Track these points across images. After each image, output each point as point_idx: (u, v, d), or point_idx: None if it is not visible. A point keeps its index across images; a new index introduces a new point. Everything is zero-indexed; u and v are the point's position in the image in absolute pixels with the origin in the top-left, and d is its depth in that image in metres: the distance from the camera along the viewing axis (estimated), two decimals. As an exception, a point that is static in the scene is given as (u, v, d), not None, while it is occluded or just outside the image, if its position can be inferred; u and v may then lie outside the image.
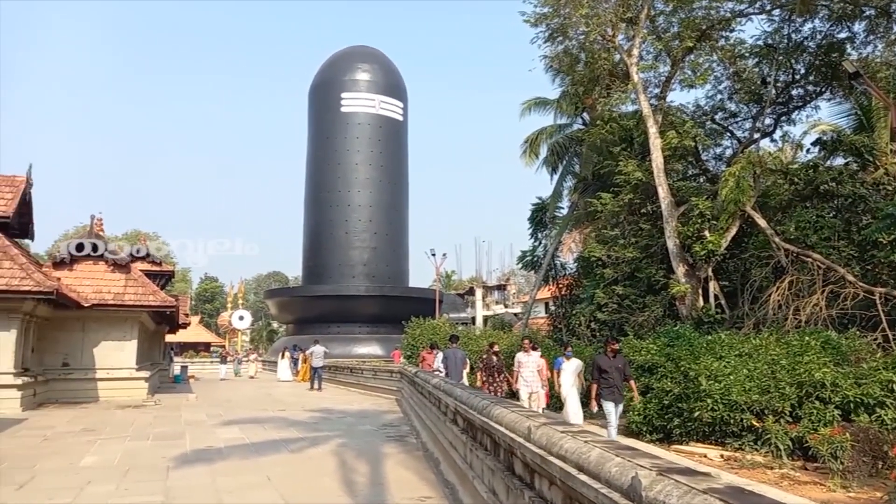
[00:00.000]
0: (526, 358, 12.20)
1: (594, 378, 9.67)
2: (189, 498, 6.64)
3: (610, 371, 9.53)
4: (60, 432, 11.56)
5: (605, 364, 9.60)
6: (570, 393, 11.43)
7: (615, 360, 9.67)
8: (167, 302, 18.93)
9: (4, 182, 17.47)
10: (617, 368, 9.57)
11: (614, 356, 9.72)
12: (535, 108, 25.87)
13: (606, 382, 9.51)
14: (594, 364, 9.75)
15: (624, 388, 9.79)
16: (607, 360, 9.65)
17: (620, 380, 9.58)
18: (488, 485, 5.12)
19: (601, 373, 9.56)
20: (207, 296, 78.16)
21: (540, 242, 26.23)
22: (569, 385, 11.45)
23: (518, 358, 12.38)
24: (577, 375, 11.65)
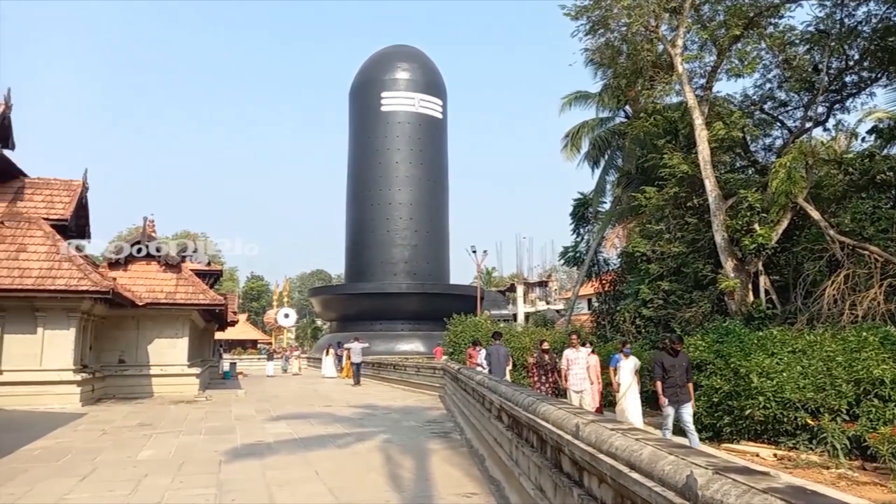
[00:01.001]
0: (574, 355, 11.76)
1: (659, 375, 9.28)
2: (241, 491, 6.82)
3: (672, 370, 9.13)
4: (118, 426, 12.03)
5: (668, 363, 9.20)
6: (629, 393, 10.95)
7: (678, 359, 9.24)
8: (216, 300, 19.46)
9: (62, 186, 18.25)
10: (680, 367, 9.16)
11: (676, 355, 9.28)
12: (576, 103, 25.57)
13: (667, 382, 9.15)
14: (657, 362, 9.37)
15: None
16: (670, 358, 9.24)
17: (683, 380, 9.17)
18: (535, 482, 5.10)
19: (664, 371, 9.19)
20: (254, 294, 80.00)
21: (582, 238, 25.93)
22: (626, 384, 10.99)
23: (566, 355, 11.93)
24: (635, 374, 11.14)
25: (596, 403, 11.64)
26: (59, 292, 14.80)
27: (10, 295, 14.63)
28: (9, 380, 14.72)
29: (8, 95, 18.18)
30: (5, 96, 18.19)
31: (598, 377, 11.77)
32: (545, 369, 12.13)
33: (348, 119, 52.39)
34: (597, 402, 11.74)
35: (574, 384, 11.57)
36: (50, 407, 14.51)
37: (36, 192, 17.97)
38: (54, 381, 14.95)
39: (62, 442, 10.11)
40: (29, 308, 15.07)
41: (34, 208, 17.34)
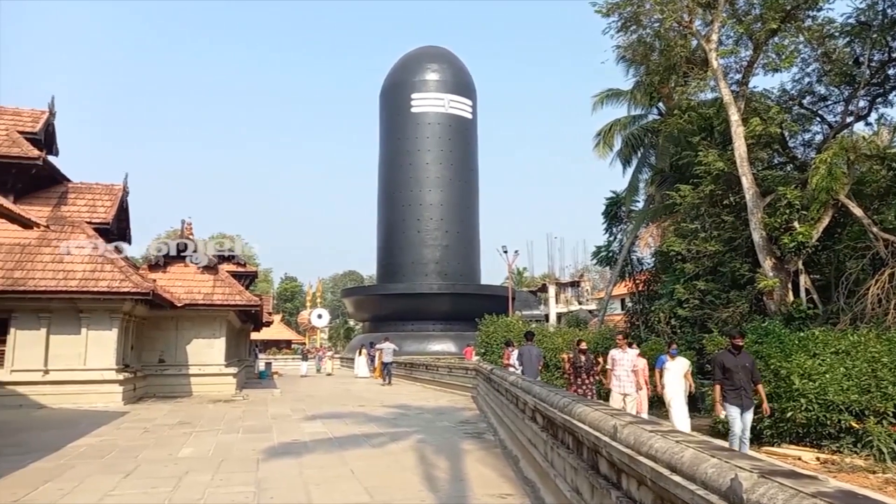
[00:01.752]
0: (620, 355, 11.09)
1: (718, 378, 8.54)
2: (279, 489, 6.93)
3: (735, 370, 8.37)
4: (159, 425, 12.33)
5: (730, 362, 8.43)
6: (676, 396, 10.35)
7: (741, 358, 8.48)
8: (252, 301, 19.81)
9: (104, 191, 18.79)
10: (743, 367, 8.40)
11: (738, 353, 8.53)
12: (608, 101, 25.30)
13: (731, 384, 8.37)
14: (717, 362, 8.61)
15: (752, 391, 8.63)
16: (731, 357, 8.49)
17: (748, 380, 8.41)
18: (571, 483, 5.08)
19: (725, 372, 8.43)
20: (288, 295, 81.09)
21: (615, 237, 25.64)
22: (674, 387, 10.40)
23: (612, 355, 11.27)
24: (684, 376, 10.52)
25: (641, 410, 10.99)
26: (102, 294, 15.26)
27: (56, 297, 15.14)
28: (55, 379, 15.23)
29: (51, 103, 18.83)
30: (49, 104, 18.83)
31: (646, 382, 11.14)
32: (581, 370, 11.61)
33: (379, 121, 52.77)
34: (643, 408, 11.10)
35: (618, 386, 10.95)
36: (94, 405, 14.96)
37: (79, 196, 18.56)
38: (98, 381, 15.42)
39: (106, 439, 10.41)
40: (73, 309, 15.56)
41: (77, 212, 17.91)
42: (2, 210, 10.57)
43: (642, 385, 11.00)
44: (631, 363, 10.97)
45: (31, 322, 15.34)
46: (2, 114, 18.24)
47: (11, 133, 17.36)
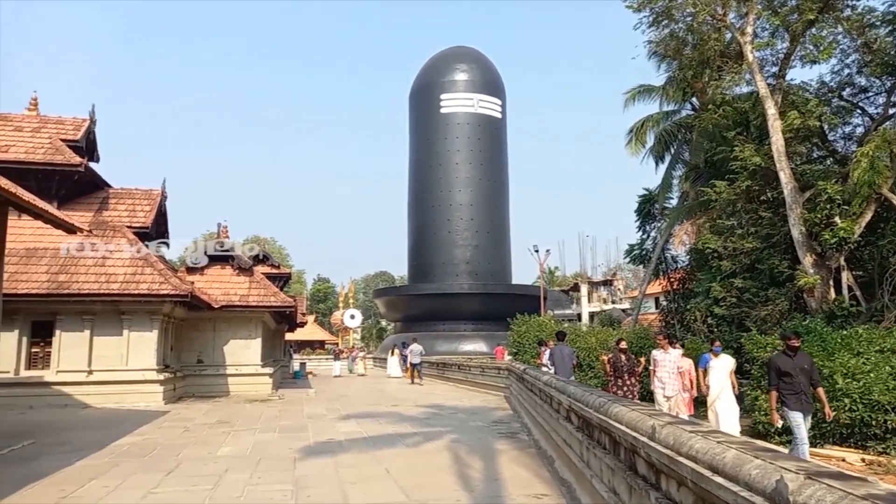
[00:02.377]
0: (663, 356, 10.57)
1: (774, 384, 7.89)
2: (316, 488, 7.02)
3: (794, 374, 7.74)
4: (199, 424, 12.60)
5: (787, 365, 7.79)
6: (722, 397, 9.78)
7: (798, 360, 7.86)
8: (287, 302, 20.12)
9: (143, 196, 19.30)
10: (802, 370, 7.79)
11: (795, 354, 7.89)
12: (640, 97, 24.98)
13: (790, 388, 7.74)
14: (772, 366, 7.99)
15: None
16: (788, 359, 7.84)
17: (807, 383, 7.80)
18: (608, 484, 5.03)
19: (782, 376, 7.80)
20: (320, 296, 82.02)
21: (648, 235, 25.33)
22: (719, 387, 9.83)
23: (654, 356, 10.76)
24: (729, 375, 9.92)
25: (684, 412, 10.30)
26: (143, 296, 15.66)
27: (98, 299, 15.59)
28: (98, 379, 15.69)
29: (92, 111, 19.41)
30: (90, 112, 19.41)
31: (692, 383, 10.52)
32: (621, 371, 10.95)
33: (408, 122, 53.02)
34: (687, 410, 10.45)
35: (661, 388, 10.46)
36: (136, 405, 15.37)
37: (119, 201, 19.09)
38: (139, 381, 15.83)
39: (148, 438, 10.69)
40: (115, 311, 16.01)
41: (118, 217, 18.42)
42: (47, 215, 10.94)
43: (689, 387, 10.45)
44: (674, 364, 10.48)
45: (76, 324, 15.83)
46: (45, 123, 18.88)
47: (55, 141, 17.95)
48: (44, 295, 15.18)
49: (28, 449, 9.61)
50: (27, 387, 15.16)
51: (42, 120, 19.01)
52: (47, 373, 15.54)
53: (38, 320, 15.75)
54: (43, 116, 19.24)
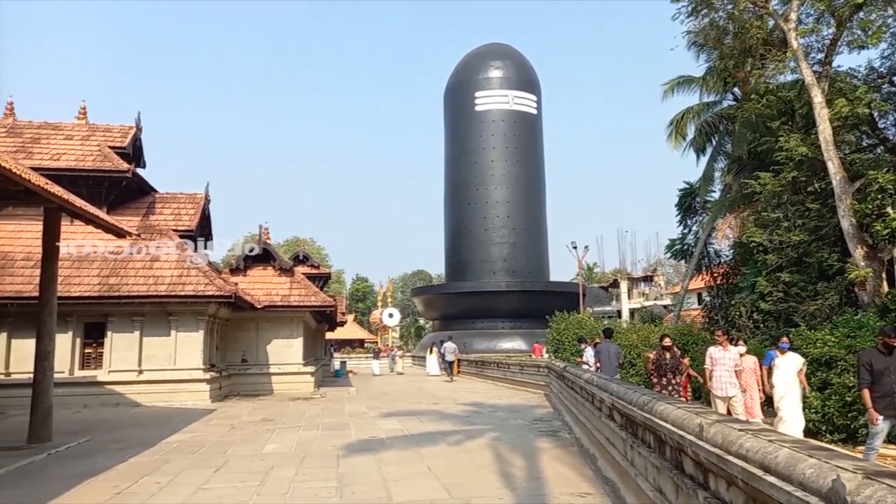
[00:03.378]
0: (720, 354, 9.74)
1: (866, 382, 7.18)
2: (360, 485, 7.11)
3: (887, 373, 7.05)
4: (244, 421, 12.89)
5: (881, 363, 7.10)
6: (787, 396, 9.14)
7: (892, 359, 7.11)
8: (327, 302, 20.41)
9: (188, 199, 19.83)
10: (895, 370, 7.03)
11: (890, 354, 7.13)
12: (679, 88, 24.46)
13: (880, 388, 7.11)
14: (863, 362, 7.26)
15: None
16: (882, 357, 7.15)
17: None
18: (654, 483, 4.97)
19: (872, 375, 7.15)
20: (359, 295, 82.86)
21: (690, 229, 24.81)
22: (784, 388, 9.19)
23: (710, 353, 9.93)
24: (798, 375, 9.26)
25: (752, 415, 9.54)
26: (189, 297, 16.10)
27: (147, 301, 16.08)
28: (148, 378, 16.20)
29: (138, 119, 20.02)
30: (136, 119, 20.04)
31: (758, 383, 9.75)
32: (665, 369, 10.29)
33: (443, 121, 53.11)
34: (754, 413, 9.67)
35: (718, 388, 9.66)
36: (184, 403, 15.82)
37: (165, 205, 19.67)
38: (187, 380, 16.29)
39: (197, 436, 10.99)
40: (163, 312, 16.49)
41: (164, 221, 18.97)
42: (98, 220, 11.34)
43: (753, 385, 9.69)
44: (733, 362, 9.70)
45: (126, 325, 16.36)
46: (94, 131, 19.57)
47: (103, 148, 18.59)
48: (95, 297, 15.74)
49: (84, 446, 10.00)
50: (81, 386, 15.74)
51: (91, 128, 19.71)
52: (100, 373, 16.11)
53: (91, 322, 16.34)
54: (92, 124, 19.95)
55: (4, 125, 19.53)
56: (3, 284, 15.53)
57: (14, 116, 20.07)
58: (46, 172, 13.18)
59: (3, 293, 15.25)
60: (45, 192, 9.44)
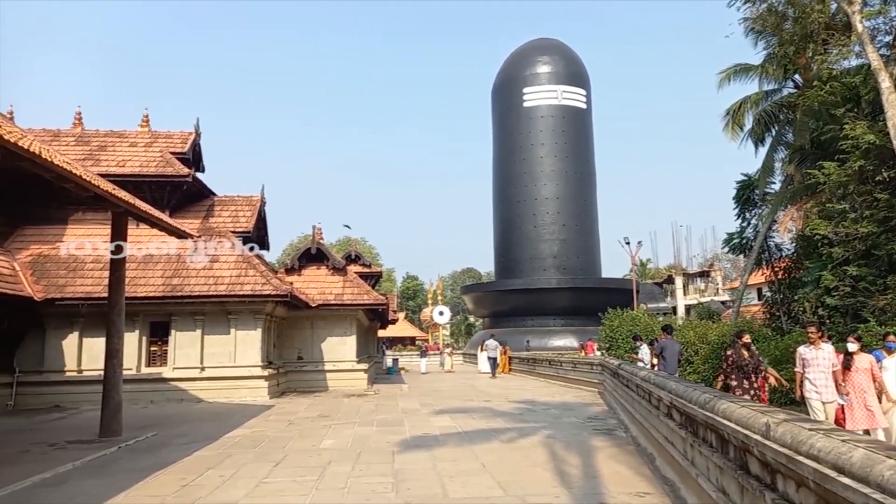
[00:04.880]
0: (812, 353, 8.64)
1: None
2: (415, 481, 7.18)
3: None
4: (301, 417, 13.20)
5: None
6: None
7: None
8: (379, 300, 20.70)
9: (245, 202, 20.44)
10: None
11: None
12: (736, 77, 23.66)
13: None
14: None
15: None
16: None
17: None
18: (716, 483, 4.84)
19: None
20: (410, 293, 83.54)
21: (748, 223, 24.05)
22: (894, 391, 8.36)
23: (801, 353, 8.85)
24: None
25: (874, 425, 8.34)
26: (247, 297, 16.59)
27: (208, 300, 16.65)
28: (209, 375, 16.77)
29: (197, 124, 20.74)
30: (195, 125, 20.75)
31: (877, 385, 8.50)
32: (746, 370, 9.09)
33: (491, 118, 52.98)
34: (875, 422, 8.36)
35: (814, 393, 8.58)
36: (243, 399, 16.31)
37: (223, 208, 20.32)
38: (246, 377, 16.79)
39: (256, 431, 11.32)
40: (223, 311, 17.04)
41: (223, 223, 19.60)
42: (162, 224, 11.81)
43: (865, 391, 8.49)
44: (828, 362, 8.62)
45: (188, 324, 16.98)
46: (156, 137, 20.37)
47: (165, 154, 19.33)
48: (160, 297, 16.39)
49: (151, 440, 10.44)
50: (148, 383, 16.43)
51: (153, 135, 20.54)
52: (165, 370, 16.78)
53: (156, 321, 17.02)
54: (154, 131, 20.79)
55: (73, 134, 20.54)
56: (75, 286, 16.35)
57: (82, 126, 21.09)
58: (113, 178, 13.81)
59: (74, 294, 16.06)
60: (112, 198, 9.89)
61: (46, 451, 9.35)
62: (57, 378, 16.26)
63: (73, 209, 18.17)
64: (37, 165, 7.99)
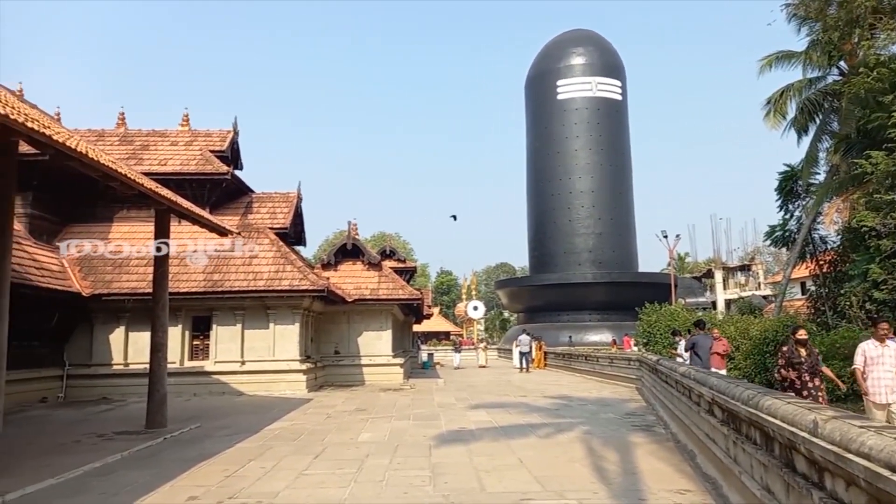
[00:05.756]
0: (878, 351, 7.86)
1: None
2: (453, 475, 7.22)
3: None
4: (339, 411, 13.39)
5: None
6: None
7: None
8: (414, 295, 20.82)
9: (281, 199, 20.76)
10: None
11: None
12: (777, 64, 22.96)
13: None
14: None
15: None
16: None
17: None
18: (760, 481, 4.75)
19: None
20: (444, 288, 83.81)
21: (791, 215, 23.36)
22: None
23: (863, 350, 8.04)
24: None
25: None
26: (285, 292, 16.88)
27: (248, 295, 16.99)
28: (250, 369, 17.13)
29: (235, 122, 21.12)
30: (233, 124, 21.15)
31: None
32: (801, 369, 8.38)
33: (525, 111, 52.61)
34: None
35: (877, 393, 7.81)
36: (283, 392, 16.61)
37: (261, 205, 20.67)
38: (284, 370, 17.09)
39: (295, 424, 11.52)
40: (262, 306, 17.37)
41: (261, 219, 19.95)
42: (203, 220, 12.08)
43: None
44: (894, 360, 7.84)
45: (229, 319, 17.36)
46: (196, 136, 20.84)
47: (205, 152, 19.77)
48: (201, 293, 16.79)
49: (195, 431, 10.72)
50: (191, 376, 16.86)
51: (193, 134, 21.01)
52: (207, 363, 17.19)
53: (198, 316, 17.45)
54: (194, 130, 21.26)
55: (117, 134, 21.15)
56: (121, 282, 16.87)
57: (125, 126, 21.70)
58: (155, 177, 14.18)
59: (120, 290, 16.57)
60: (156, 196, 10.17)
61: (96, 442, 9.69)
62: (104, 371, 16.82)
63: (117, 207, 18.75)
64: (84, 165, 8.26)
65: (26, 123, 6.70)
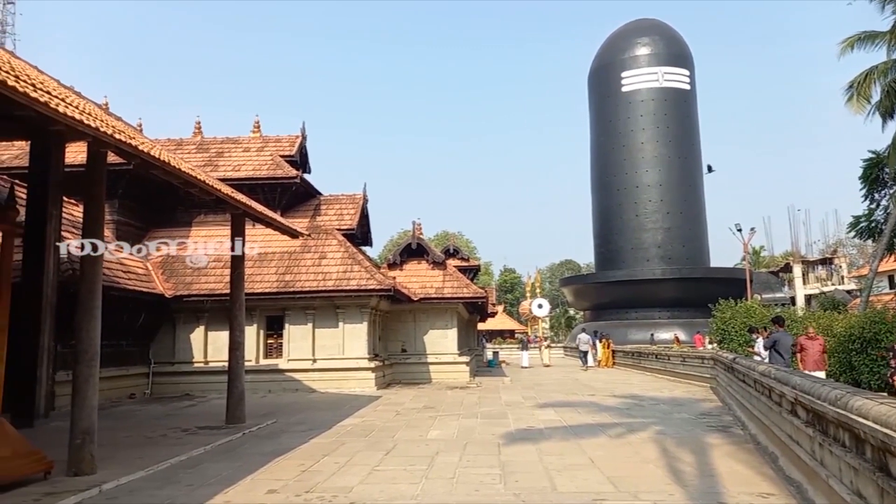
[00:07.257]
0: None
1: None
2: (523, 473, 7.20)
3: None
4: (408, 408, 13.58)
5: None
6: None
7: None
8: (478, 293, 20.87)
9: (348, 200, 21.25)
10: None
11: None
12: (860, 45, 21.64)
13: None
14: None
15: None
16: None
17: None
18: (850, 486, 4.52)
19: None
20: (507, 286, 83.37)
21: (877, 204, 22.03)
22: None
23: None
24: None
25: None
26: (353, 291, 17.27)
27: (318, 295, 17.48)
28: (321, 367, 17.62)
29: (303, 127, 21.76)
30: (301, 129, 21.79)
31: None
32: None
33: (588, 105, 51.71)
34: None
35: None
36: (352, 390, 17.00)
37: (329, 207, 21.23)
38: (354, 368, 17.49)
39: (366, 420, 11.78)
40: (331, 306, 17.83)
41: (328, 221, 20.49)
42: (275, 223, 12.52)
43: None
44: None
45: (300, 318, 17.91)
46: (266, 142, 21.60)
47: (275, 157, 20.46)
48: (274, 293, 17.40)
49: (272, 427, 11.13)
50: (266, 373, 17.50)
51: (264, 139, 21.79)
52: (280, 361, 17.80)
53: (271, 315, 18.08)
54: (264, 136, 22.06)
55: (194, 142, 22.18)
56: (200, 283, 17.69)
57: (202, 134, 22.72)
58: (230, 182, 14.80)
59: (200, 291, 17.38)
60: (232, 200, 10.61)
61: (181, 436, 10.21)
62: (186, 368, 17.68)
63: (196, 212, 19.67)
64: (166, 172, 8.72)
65: (115, 136, 7.14)
